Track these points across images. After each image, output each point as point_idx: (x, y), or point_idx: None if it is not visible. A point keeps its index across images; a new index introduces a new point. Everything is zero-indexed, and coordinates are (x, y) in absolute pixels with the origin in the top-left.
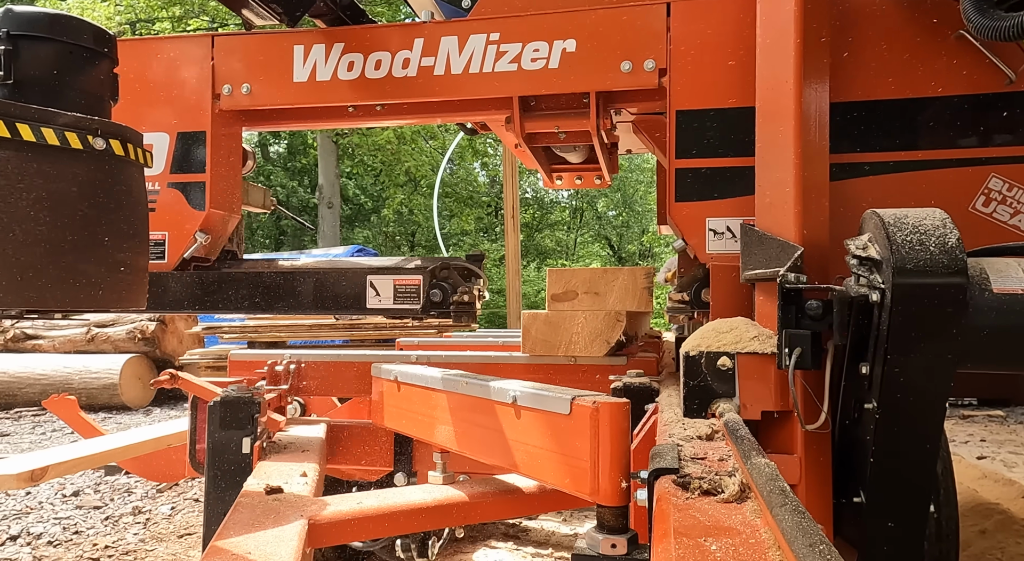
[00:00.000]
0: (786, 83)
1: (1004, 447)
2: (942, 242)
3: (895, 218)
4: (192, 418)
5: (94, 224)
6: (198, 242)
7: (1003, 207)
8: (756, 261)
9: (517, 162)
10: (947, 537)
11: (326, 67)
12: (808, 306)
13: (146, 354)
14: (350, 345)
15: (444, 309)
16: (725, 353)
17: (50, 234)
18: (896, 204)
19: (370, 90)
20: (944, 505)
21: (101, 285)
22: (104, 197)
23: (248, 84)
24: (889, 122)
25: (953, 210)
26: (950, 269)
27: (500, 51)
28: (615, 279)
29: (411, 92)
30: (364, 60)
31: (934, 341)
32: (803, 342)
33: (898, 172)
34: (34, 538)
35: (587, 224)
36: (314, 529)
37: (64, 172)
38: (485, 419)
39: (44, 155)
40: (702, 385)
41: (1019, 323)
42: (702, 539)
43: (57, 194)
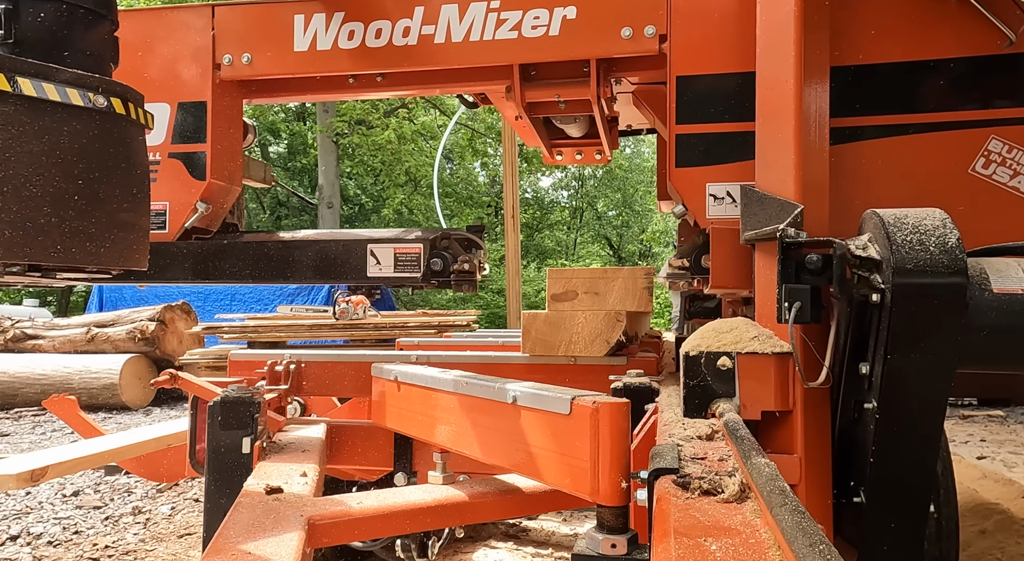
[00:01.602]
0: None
1: (1004, 447)
2: (942, 242)
3: (895, 218)
4: (192, 418)
5: (95, 182)
6: (199, 212)
7: (1003, 169)
8: (756, 221)
9: (518, 162)
10: (947, 537)
11: (326, 36)
12: (808, 260)
13: (146, 354)
14: (350, 345)
15: (444, 278)
16: (725, 353)
17: (52, 190)
18: (896, 167)
19: (370, 59)
20: (944, 505)
21: (103, 243)
22: (105, 155)
23: (249, 54)
24: (889, 85)
25: (953, 172)
26: (950, 269)
27: (500, 19)
28: (615, 279)
29: (412, 61)
30: (364, 29)
31: (934, 341)
32: (803, 296)
33: (898, 135)
34: (34, 538)
35: (587, 224)
36: (314, 529)
37: (65, 128)
38: (485, 419)
39: (45, 110)
40: (702, 385)
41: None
42: (702, 539)
43: (58, 150)
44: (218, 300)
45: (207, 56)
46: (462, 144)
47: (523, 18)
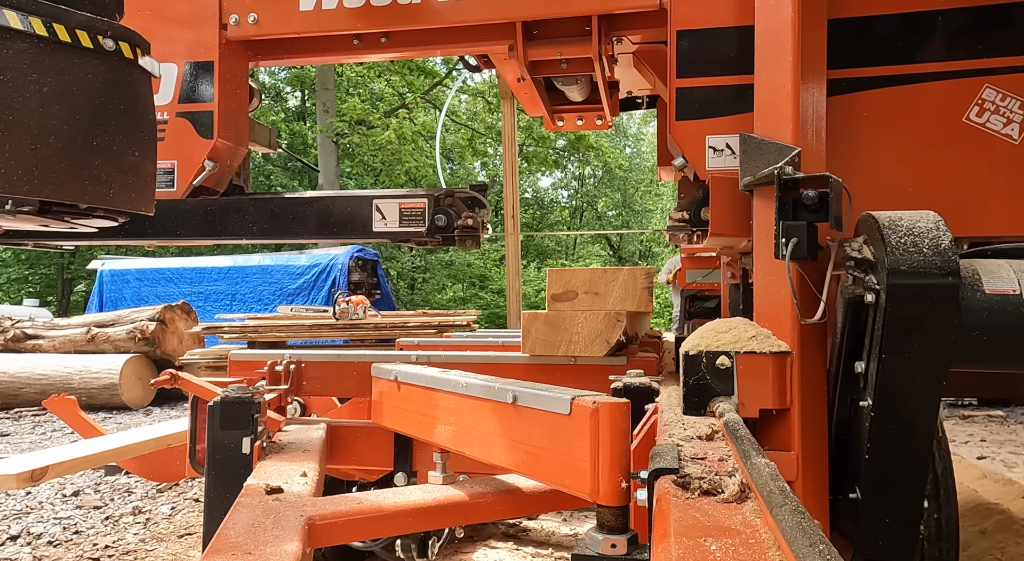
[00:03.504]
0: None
1: (1004, 447)
2: (935, 244)
3: (890, 220)
4: (192, 418)
5: (104, 123)
6: (207, 170)
7: (996, 117)
8: (755, 166)
9: (518, 162)
10: (947, 537)
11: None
12: (805, 196)
13: (146, 354)
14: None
15: (448, 233)
16: (724, 352)
17: (62, 129)
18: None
19: (375, 17)
20: (944, 505)
21: (112, 184)
22: (113, 98)
23: (255, 13)
24: (886, 36)
25: (948, 121)
26: (943, 270)
27: None
28: (615, 279)
29: (416, 19)
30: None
31: (928, 341)
32: (799, 233)
33: (895, 85)
34: (34, 538)
35: (587, 224)
36: (314, 529)
37: (75, 69)
38: (485, 419)
39: (55, 51)
40: (701, 383)
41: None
42: (702, 539)
43: (68, 90)
44: (218, 300)
45: (214, 16)
46: (462, 144)
47: None
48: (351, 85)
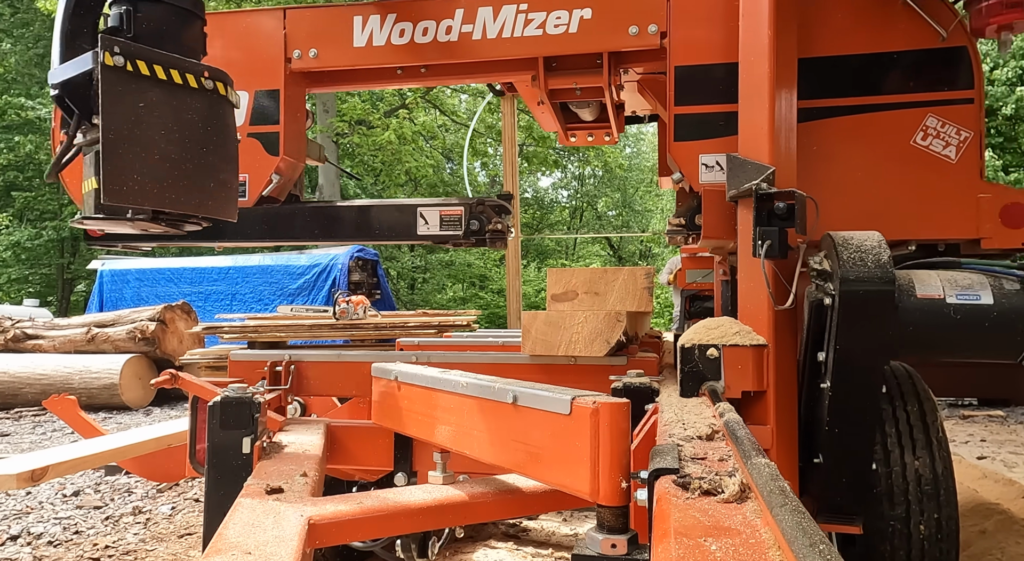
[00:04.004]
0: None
1: (1004, 447)
2: (877, 259)
3: (843, 239)
4: (192, 418)
5: (202, 147)
6: (273, 183)
7: (937, 140)
8: (738, 181)
9: (518, 162)
10: (947, 537)
11: (381, 34)
12: (777, 207)
13: (146, 354)
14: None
15: (481, 236)
16: (713, 345)
17: (172, 152)
18: (852, 140)
19: (418, 53)
20: (944, 505)
21: (209, 196)
22: (208, 126)
23: (315, 49)
24: (848, 72)
25: (898, 144)
26: (883, 280)
27: (528, 19)
28: (615, 279)
29: (453, 54)
30: (413, 28)
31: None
32: (772, 236)
33: (854, 114)
34: (34, 538)
35: (587, 224)
36: (314, 529)
37: (185, 105)
38: (485, 419)
39: (172, 91)
40: (695, 371)
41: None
42: (702, 539)
43: (181, 122)
44: (218, 300)
45: (280, 51)
46: (462, 144)
47: (547, 18)
48: None
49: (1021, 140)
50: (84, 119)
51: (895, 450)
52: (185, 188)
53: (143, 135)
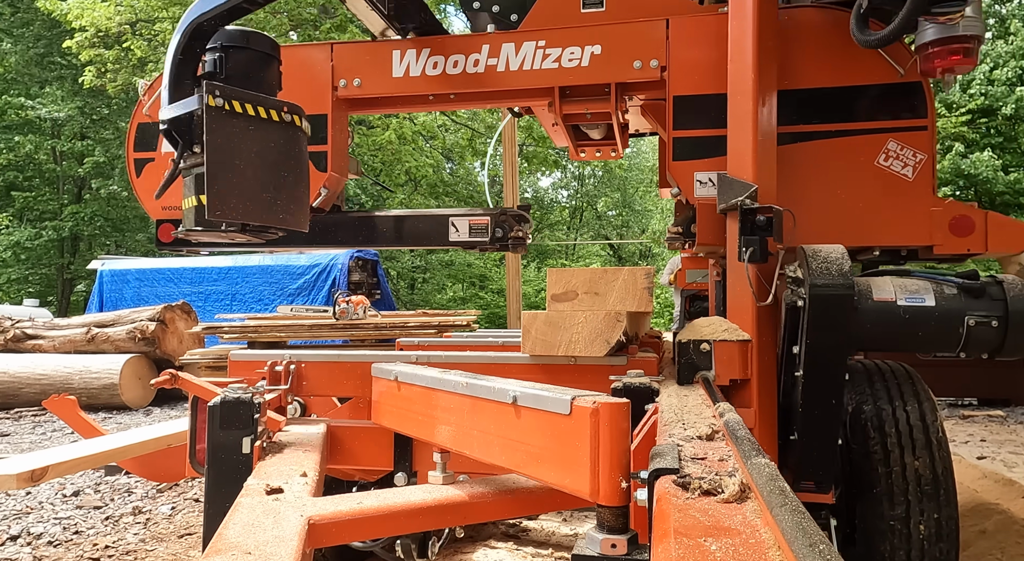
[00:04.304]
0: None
1: (1004, 447)
2: (840, 268)
3: (812, 251)
4: (192, 418)
5: (284, 171)
6: (322, 195)
7: (897, 161)
8: (727, 197)
9: (518, 162)
10: (947, 537)
11: (416, 66)
12: (758, 219)
13: (146, 354)
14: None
15: (504, 242)
16: (706, 340)
17: (258, 174)
18: (825, 160)
19: (448, 82)
20: (944, 505)
21: (287, 211)
22: (286, 151)
23: (359, 79)
24: (821, 103)
25: (864, 164)
26: (844, 286)
27: (545, 54)
28: (615, 279)
29: (480, 84)
30: (445, 60)
31: (834, 332)
32: (755, 244)
33: (827, 138)
34: (34, 538)
35: (587, 224)
36: (314, 529)
37: (269, 135)
38: (485, 419)
39: (259, 124)
40: (690, 361)
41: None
42: (702, 539)
43: (265, 149)
44: (218, 300)
45: (328, 81)
46: (462, 144)
47: (562, 53)
48: None
49: (1021, 140)
50: (186, 148)
51: (895, 450)
52: (268, 204)
53: (237, 162)
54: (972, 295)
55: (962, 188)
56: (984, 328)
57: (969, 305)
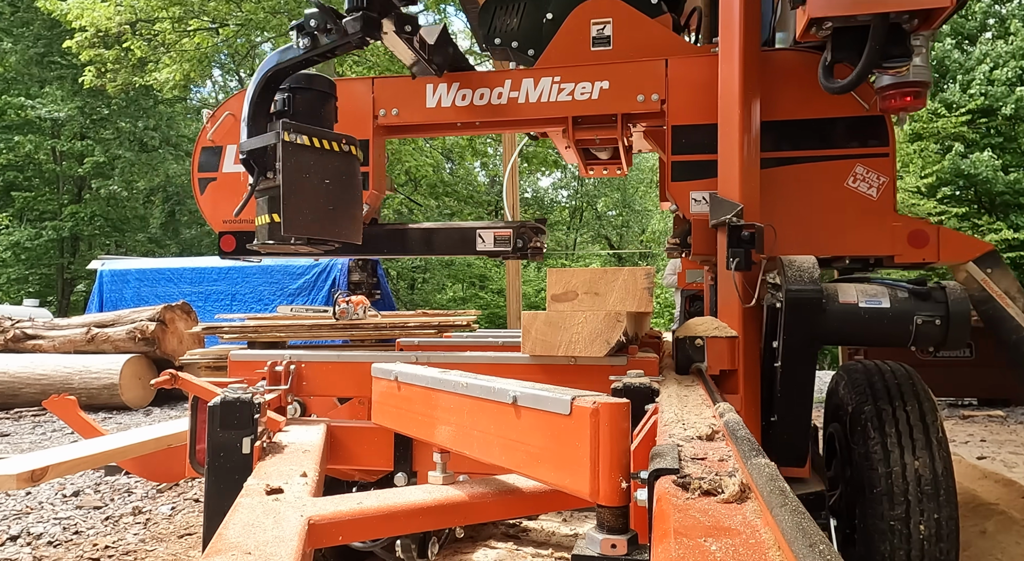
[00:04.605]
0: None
1: (1004, 447)
2: (811, 276)
3: (788, 261)
4: (192, 418)
5: (342, 191)
6: (364, 211)
7: (863, 183)
8: (718, 214)
9: (518, 162)
10: (947, 537)
11: (447, 97)
12: (743, 234)
13: (146, 354)
14: (350, 345)
15: (524, 251)
16: (699, 337)
17: (323, 196)
18: (802, 182)
19: (475, 112)
20: (944, 505)
21: (344, 226)
22: (344, 176)
23: (396, 109)
24: (798, 132)
25: (836, 185)
26: (814, 291)
27: (560, 88)
28: (615, 279)
29: (503, 113)
30: (472, 93)
31: (805, 329)
32: (740, 254)
33: (805, 163)
34: (34, 538)
35: (587, 224)
36: (314, 529)
37: (330, 163)
38: (485, 419)
39: (320, 153)
40: (686, 355)
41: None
42: (702, 539)
43: (328, 175)
44: (218, 300)
45: (369, 111)
46: (462, 144)
47: (575, 88)
48: None
49: (1021, 140)
50: (261, 174)
51: (895, 450)
52: (330, 221)
53: (306, 186)
54: (920, 298)
55: (962, 188)
56: (930, 326)
57: (918, 307)
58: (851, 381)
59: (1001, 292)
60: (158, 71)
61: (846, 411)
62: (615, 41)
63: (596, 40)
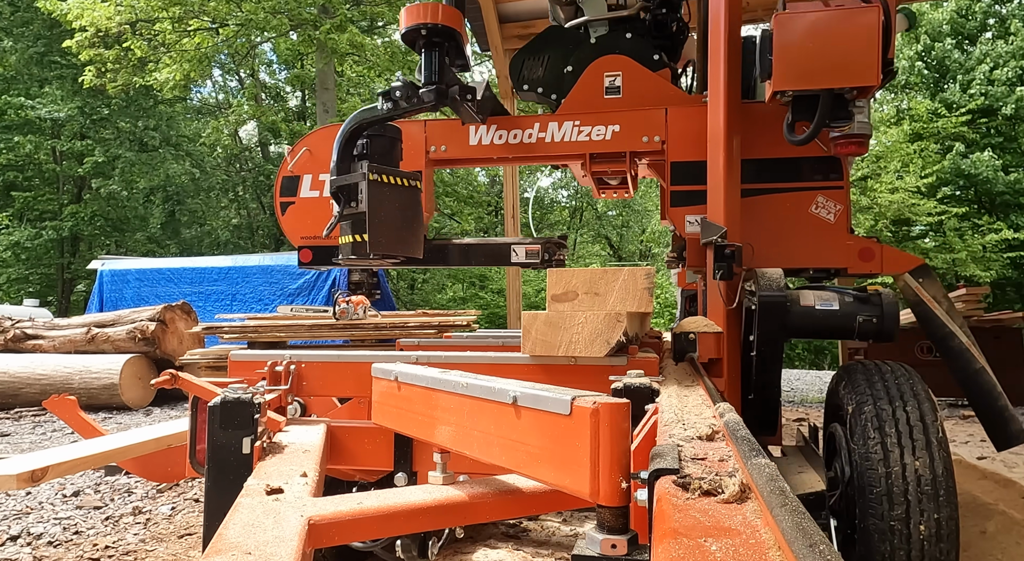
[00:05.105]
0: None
1: None
2: (778, 284)
3: (761, 273)
4: (192, 418)
5: (409, 217)
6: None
7: (823, 210)
8: (707, 234)
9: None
10: (947, 538)
11: (487, 137)
12: (726, 251)
13: (146, 354)
14: (350, 345)
15: (549, 263)
16: (691, 332)
17: (397, 222)
18: (774, 209)
19: (510, 149)
20: (944, 505)
21: (410, 244)
22: (411, 205)
23: (445, 146)
24: (771, 169)
25: (800, 212)
26: (780, 296)
27: (580, 130)
28: (615, 279)
29: (532, 150)
30: (507, 133)
31: (773, 326)
32: (724, 267)
33: (777, 194)
34: (34, 538)
35: (587, 224)
36: (314, 529)
37: (401, 195)
38: (485, 419)
39: (395, 188)
40: (682, 346)
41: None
42: (702, 539)
43: (399, 205)
44: (218, 300)
45: (422, 148)
46: None
47: (592, 130)
48: (351, 85)
49: (1021, 140)
50: (347, 204)
51: (895, 450)
52: (399, 241)
53: (384, 214)
54: (861, 302)
55: (962, 188)
56: (868, 323)
57: (859, 308)
58: (851, 381)
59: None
60: (158, 71)
61: (846, 411)
62: (624, 91)
63: (608, 90)
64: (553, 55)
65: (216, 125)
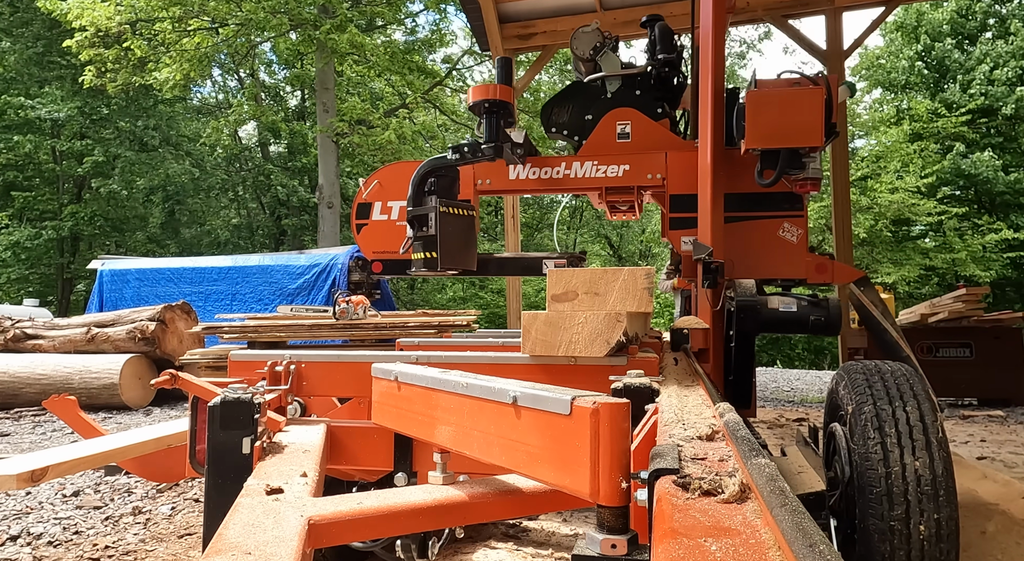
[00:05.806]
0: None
1: (1004, 447)
2: (752, 292)
3: (738, 282)
4: (192, 418)
5: (467, 239)
6: None
7: (788, 233)
8: (697, 253)
9: None
10: (947, 538)
11: (523, 173)
12: (711, 265)
13: (146, 354)
14: (350, 345)
15: None
16: (685, 327)
17: (460, 243)
18: (750, 233)
19: (541, 182)
20: (944, 505)
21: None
22: (468, 229)
23: (489, 180)
24: (748, 201)
25: (770, 235)
26: (753, 301)
27: (598, 168)
28: (615, 279)
29: (559, 183)
30: (539, 170)
31: (748, 324)
32: (710, 278)
33: (752, 220)
34: (34, 538)
35: (587, 224)
36: (314, 529)
37: (462, 222)
38: (485, 419)
39: (457, 217)
40: (678, 339)
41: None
42: (702, 539)
43: (460, 229)
44: (218, 300)
45: (471, 181)
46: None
47: (607, 168)
48: (351, 85)
49: (1021, 140)
50: (419, 228)
51: (895, 450)
52: (460, 256)
53: (450, 237)
54: (814, 305)
55: (962, 188)
56: (819, 322)
57: (812, 311)
58: (851, 381)
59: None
60: (158, 71)
61: (846, 411)
62: (633, 137)
63: (620, 135)
64: (576, 105)
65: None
